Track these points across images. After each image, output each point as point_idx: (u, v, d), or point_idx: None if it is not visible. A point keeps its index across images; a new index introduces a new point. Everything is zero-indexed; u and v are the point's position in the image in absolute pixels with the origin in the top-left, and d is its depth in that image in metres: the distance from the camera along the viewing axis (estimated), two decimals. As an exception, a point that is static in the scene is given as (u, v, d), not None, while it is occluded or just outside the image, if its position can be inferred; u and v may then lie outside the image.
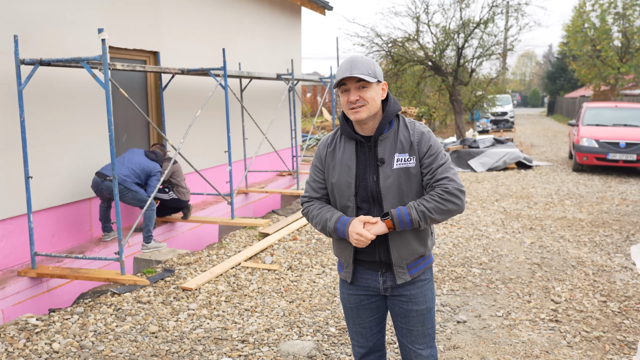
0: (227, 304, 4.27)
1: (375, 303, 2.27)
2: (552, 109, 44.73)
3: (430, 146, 2.09)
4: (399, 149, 2.09)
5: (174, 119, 7.23)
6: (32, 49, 5.06)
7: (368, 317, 2.29)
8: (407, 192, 2.09)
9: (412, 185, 2.09)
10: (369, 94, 2.05)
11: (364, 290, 2.25)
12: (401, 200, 2.08)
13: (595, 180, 10.49)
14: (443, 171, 2.06)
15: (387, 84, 2.16)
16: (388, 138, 2.11)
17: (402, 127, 2.14)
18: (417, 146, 2.09)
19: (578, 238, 6.21)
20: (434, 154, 2.09)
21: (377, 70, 2.08)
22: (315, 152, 2.30)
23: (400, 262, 2.14)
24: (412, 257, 2.14)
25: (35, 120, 5.14)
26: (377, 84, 2.08)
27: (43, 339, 3.68)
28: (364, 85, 2.05)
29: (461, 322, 3.92)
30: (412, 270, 2.17)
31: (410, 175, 2.08)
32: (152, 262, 5.46)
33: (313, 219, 2.22)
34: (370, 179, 2.11)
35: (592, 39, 22.90)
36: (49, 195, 5.36)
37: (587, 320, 3.96)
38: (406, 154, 2.08)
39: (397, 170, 2.07)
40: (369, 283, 2.23)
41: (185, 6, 7.37)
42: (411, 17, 14.76)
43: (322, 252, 5.61)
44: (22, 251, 5.11)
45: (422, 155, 2.09)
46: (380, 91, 2.11)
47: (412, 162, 2.08)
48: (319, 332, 3.78)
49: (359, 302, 2.27)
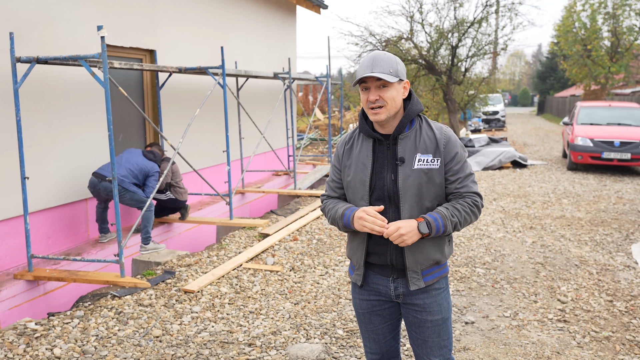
0: (231, 307, 4.20)
1: (388, 310, 2.18)
2: (542, 108, 45.04)
3: (457, 153, 2.04)
4: (422, 149, 2.02)
5: (171, 118, 7.13)
6: (28, 47, 4.94)
7: (380, 324, 2.21)
8: (426, 194, 2.01)
9: (432, 187, 2.01)
10: (389, 93, 1.99)
11: (376, 296, 2.17)
12: (419, 202, 2.01)
13: (590, 179, 10.53)
14: (472, 184, 2.06)
15: (409, 83, 2.10)
16: (409, 137, 2.04)
17: (425, 127, 2.07)
18: (444, 149, 2.02)
19: (579, 237, 6.21)
20: (461, 162, 2.05)
21: (399, 68, 2.01)
22: (335, 151, 2.24)
23: (415, 266, 2.05)
24: (427, 263, 2.06)
25: (31, 120, 5.03)
26: (398, 83, 2.01)
27: (44, 344, 3.58)
28: (385, 85, 1.98)
29: (469, 323, 3.88)
30: (427, 277, 2.08)
31: (432, 177, 2.01)
32: (151, 263, 5.36)
33: (327, 214, 2.18)
34: (387, 178, 2.04)
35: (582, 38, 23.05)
36: (45, 196, 5.25)
37: (595, 320, 3.94)
38: (430, 155, 2.01)
39: (418, 171, 1.99)
40: (380, 288, 2.15)
41: (182, 4, 7.27)
42: (405, 16, 14.75)
43: (324, 252, 5.55)
44: (18, 253, 5.00)
45: (447, 160, 2.02)
46: (401, 90, 2.04)
47: (437, 164, 2.01)
48: (327, 334, 3.72)
49: (370, 307, 2.19)
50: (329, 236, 6.14)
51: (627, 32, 21.93)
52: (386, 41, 14.58)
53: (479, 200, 2.05)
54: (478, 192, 2.06)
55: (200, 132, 7.76)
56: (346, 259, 5.33)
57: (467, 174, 2.05)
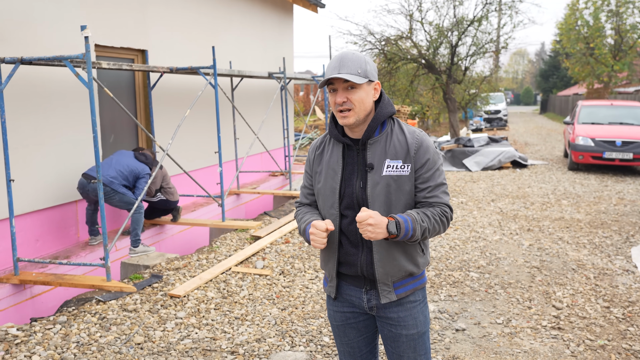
0: (217, 312, 4.10)
1: (363, 322, 2.08)
2: (545, 107, 44.81)
3: (428, 159, 1.90)
4: (392, 154, 1.90)
5: (163, 119, 7.03)
6: (13, 47, 4.86)
7: (356, 337, 2.10)
8: (395, 202, 1.89)
9: (401, 195, 1.90)
10: (357, 95, 1.87)
11: (350, 308, 2.06)
12: (388, 210, 1.89)
13: (591, 179, 10.40)
14: (443, 195, 1.93)
15: (380, 83, 1.95)
16: (379, 142, 1.92)
17: (396, 131, 1.94)
18: (415, 154, 1.89)
19: (577, 240, 6.09)
20: (433, 169, 1.91)
21: (367, 68, 1.88)
22: (307, 156, 2.14)
23: (385, 278, 1.93)
24: (398, 275, 1.94)
25: (17, 121, 4.95)
26: (367, 84, 1.89)
27: (23, 351, 3.50)
28: (353, 86, 1.86)
29: (460, 330, 3.78)
30: (399, 290, 1.96)
31: (402, 185, 1.89)
32: (139, 267, 5.28)
33: (298, 224, 2.09)
34: (356, 185, 1.92)
35: (585, 36, 22.88)
36: (32, 199, 5.16)
37: (591, 327, 3.82)
38: (399, 161, 1.89)
39: (386, 178, 1.88)
40: (353, 300, 2.04)
41: (173, 3, 7.18)
42: (404, 14, 14.61)
43: (315, 255, 5.45)
44: (4, 257, 4.91)
45: (418, 166, 1.90)
46: (371, 92, 1.91)
47: (406, 170, 1.89)
48: (312, 342, 3.62)
49: (345, 320, 2.08)
50: (322, 239, 6.04)
51: (631, 29, 21.75)
52: (385, 40, 14.46)
53: (448, 212, 1.93)
54: (448, 203, 1.94)
55: (193, 133, 7.66)
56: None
57: (438, 183, 1.92)
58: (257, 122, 9.30)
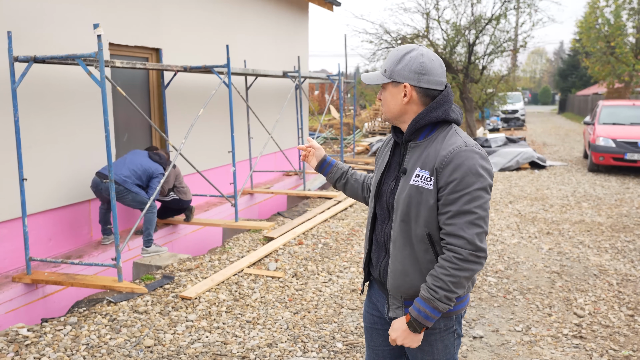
0: (228, 315, 4.04)
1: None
2: (564, 106, 44.12)
3: (455, 180, 1.63)
4: (424, 163, 1.71)
5: (177, 118, 7.00)
6: (27, 46, 4.84)
7: (381, 344, 1.99)
8: (415, 217, 1.70)
9: (422, 209, 1.69)
10: (383, 95, 1.82)
11: (378, 312, 1.97)
12: (406, 224, 1.72)
13: (612, 181, 10.15)
14: (466, 226, 1.62)
15: (413, 87, 1.74)
16: (420, 147, 1.76)
17: (439, 139, 1.73)
18: (441, 169, 1.66)
19: (598, 244, 5.91)
20: (460, 192, 1.63)
21: (397, 68, 1.74)
22: None
23: (396, 292, 1.79)
24: (409, 292, 1.77)
25: (30, 120, 4.94)
26: (393, 85, 1.77)
27: (32, 353, 3.46)
28: (383, 85, 1.82)
29: (477, 338, 3.66)
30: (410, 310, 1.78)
31: (425, 199, 1.68)
32: (151, 267, 5.24)
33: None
34: (389, 186, 1.83)
35: (605, 35, 22.41)
36: (45, 198, 5.15)
37: (614, 336, 3.67)
38: (427, 172, 1.69)
39: (412, 187, 1.71)
40: (378, 305, 1.95)
41: (187, 1, 7.14)
42: (421, 13, 14.47)
43: (329, 257, 5.36)
44: (17, 256, 4.91)
45: (441, 184, 1.66)
46: (398, 93, 1.76)
47: (430, 184, 1.68)
48: (325, 347, 3.53)
49: (373, 323, 1.99)
50: (335, 240, 5.95)
51: (653, 28, 21.25)
52: (401, 39, 14.31)
53: (462, 253, 1.61)
54: (466, 237, 1.61)
55: (207, 132, 7.62)
56: (351, 265, 5.13)
57: (462, 210, 1.62)
58: (271, 121, 9.23)
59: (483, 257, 1.64)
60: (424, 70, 1.73)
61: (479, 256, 1.63)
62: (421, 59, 1.73)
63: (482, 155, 1.69)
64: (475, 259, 1.62)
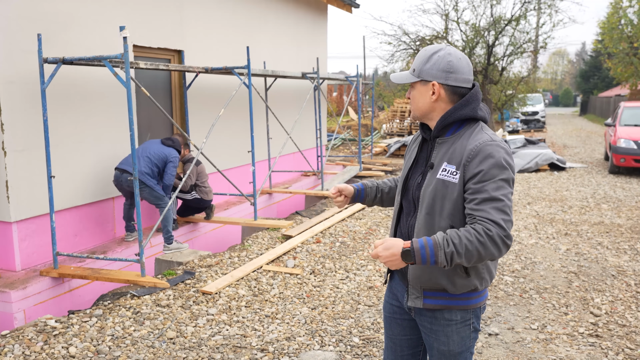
0: (247, 310, 4.14)
1: (408, 322, 2.03)
2: (585, 108, 43.49)
3: (482, 170, 1.69)
4: (450, 158, 1.78)
5: (198, 118, 7.15)
6: (56, 48, 5.02)
7: (399, 334, 2.06)
8: (440, 210, 1.77)
9: (447, 202, 1.76)
10: (412, 93, 1.90)
11: (397, 302, 2.04)
12: (430, 217, 1.79)
13: (633, 183, 10.03)
14: (493, 211, 1.65)
15: (439, 85, 1.81)
16: (447, 143, 1.83)
17: (466, 135, 1.80)
18: (467, 163, 1.72)
19: (617, 245, 5.88)
20: (486, 181, 1.68)
21: (426, 67, 1.82)
22: None
23: (416, 282, 1.86)
24: (429, 284, 1.83)
25: (58, 119, 5.11)
26: (422, 84, 1.85)
27: (60, 342, 3.61)
28: (412, 83, 1.90)
29: (493, 335, 3.70)
30: (429, 300, 1.85)
31: (450, 192, 1.75)
32: (173, 263, 5.37)
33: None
34: (416, 180, 1.91)
35: (629, 35, 22.08)
36: (71, 195, 5.32)
37: (631, 336, 3.68)
38: (454, 167, 1.76)
39: (439, 181, 1.78)
40: (398, 295, 2.03)
41: (209, 4, 7.28)
42: (440, 14, 14.46)
43: (346, 255, 5.44)
44: (45, 251, 5.09)
45: (468, 176, 1.72)
46: (426, 92, 1.83)
47: (456, 178, 1.74)
48: (342, 342, 3.61)
49: (392, 312, 2.07)
50: (352, 239, 6.02)
51: (678, 28, 20.88)
52: (420, 40, 14.33)
53: (493, 230, 1.62)
54: (496, 220, 1.63)
55: (227, 132, 7.76)
56: (368, 263, 5.20)
57: (489, 197, 1.67)
58: (290, 122, 9.35)
59: (507, 245, 1.65)
60: (451, 68, 1.80)
61: (505, 242, 1.64)
62: (448, 57, 1.80)
63: (507, 150, 1.76)
64: (501, 242, 1.63)
